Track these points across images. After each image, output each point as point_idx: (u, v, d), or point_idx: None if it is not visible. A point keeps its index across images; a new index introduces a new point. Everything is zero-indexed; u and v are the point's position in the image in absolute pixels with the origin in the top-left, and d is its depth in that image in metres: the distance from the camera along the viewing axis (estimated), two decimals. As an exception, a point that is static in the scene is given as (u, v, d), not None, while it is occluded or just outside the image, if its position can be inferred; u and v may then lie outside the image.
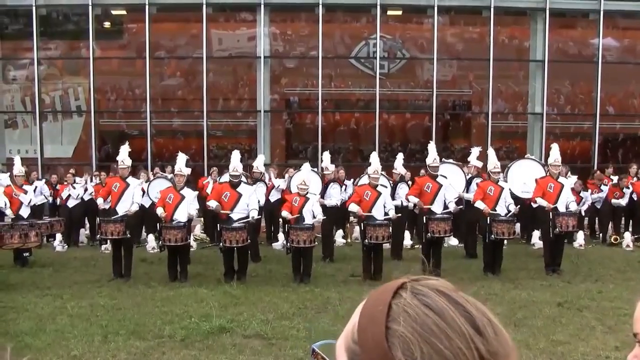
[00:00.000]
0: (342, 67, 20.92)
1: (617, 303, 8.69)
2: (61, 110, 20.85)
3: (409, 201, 11.83)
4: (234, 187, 10.76)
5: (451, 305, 0.83)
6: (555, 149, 11.26)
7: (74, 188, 14.80)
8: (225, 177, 12.32)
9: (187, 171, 11.21)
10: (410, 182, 13.10)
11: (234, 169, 10.89)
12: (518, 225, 13.62)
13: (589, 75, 20.58)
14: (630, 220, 15.23)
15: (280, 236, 13.89)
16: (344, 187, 13.95)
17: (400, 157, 14.05)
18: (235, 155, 11.12)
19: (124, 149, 11.10)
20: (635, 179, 14.94)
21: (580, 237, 14.14)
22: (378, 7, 19.87)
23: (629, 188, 14.76)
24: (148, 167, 18.13)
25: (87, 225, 15.44)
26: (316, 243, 10.83)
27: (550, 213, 10.76)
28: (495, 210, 10.97)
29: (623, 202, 14.76)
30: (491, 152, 12.04)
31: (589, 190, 15.22)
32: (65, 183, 15.03)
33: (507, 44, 21.10)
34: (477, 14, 20.98)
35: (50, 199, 15.11)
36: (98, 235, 11.49)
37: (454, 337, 0.80)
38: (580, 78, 21.24)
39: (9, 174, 13.25)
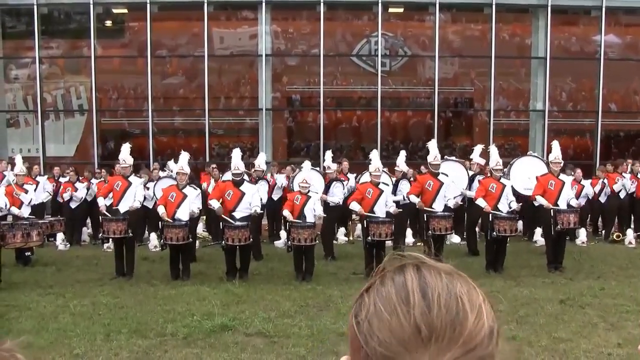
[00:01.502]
0: (344, 65, 20.90)
1: (619, 300, 8.68)
2: (63, 109, 20.85)
3: (409, 200, 11.82)
4: (237, 185, 10.77)
5: (415, 276, 0.89)
6: (555, 146, 11.24)
7: (76, 190, 14.77)
8: (228, 176, 12.32)
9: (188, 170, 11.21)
10: (412, 179, 13.12)
11: (236, 168, 10.89)
12: (520, 222, 13.62)
13: (591, 72, 20.54)
14: (632, 217, 15.22)
15: (283, 234, 13.89)
16: (346, 181, 13.95)
17: (403, 154, 14.05)
18: (236, 154, 11.11)
19: (126, 148, 11.10)
20: (629, 173, 15.05)
21: (582, 234, 14.13)
22: (379, 5, 19.84)
23: (627, 173, 14.87)
24: (150, 166, 18.14)
25: (90, 224, 15.43)
26: (317, 241, 10.84)
27: (552, 210, 10.74)
28: (498, 208, 10.96)
29: (625, 184, 14.78)
30: (493, 150, 12.01)
31: (589, 180, 15.23)
32: (68, 181, 14.99)
33: (509, 41, 21.06)
34: (478, 11, 20.94)
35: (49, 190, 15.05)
36: (100, 234, 11.50)
37: (395, 301, 0.87)
38: (582, 75, 21.20)
39: (13, 172, 13.25)
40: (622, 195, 14.92)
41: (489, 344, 0.86)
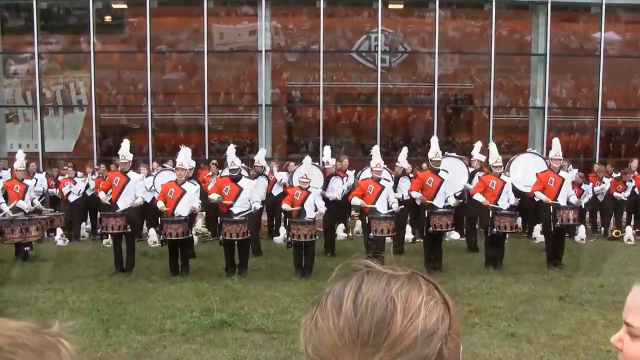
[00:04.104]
0: (344, 61, 20.89)
1: (618, 297, 8.66)
2: (62, 105, 20.83)
3: (410, 197, 11.80)
4: (235, 181, 10.77)
5: (355, 283, 0.91)
6: (556, 143, 11.23)
7: (75, 183, 14.77)
8: (226, 171, 12.32)
9: (192, 164, 11.17)
10: (411, 175, 13.10)
11: (232, 163, 10.90)
12: (520, 219, 13.62)
13: (591, 69, 20.53)
14: (632, 215, 15.21)
15: (282, 230, 13.87)
16: (345, 177, 13.92)
17: (404, 151, 14.03)
18: (231, 150, 11.17)
19: (125, 144, 11.10)
20: (636, 172, 14.92)
21: (581, 231, 14.11)
22: (379, 1, 19.82)
23: (631, 182, 14.74)
24: (149, 162, 18.13)
25: (89, 220, 15.42)
26: (317, 237, 10.81)
27: (551, 207, 10.74)
28: (497, 204, 10.95)
29: (625, 195, 14.73)
30: (492, 146, 11.99)
31: (590, 184, 15.20)
32: (66, 177, 14.99)
33: (509, 38, 21.05)
34: (478, 8, 20.92)
35: (52, 190, 15.05)
36: (99, 230, 11.47)
37: (329, 310, 0.90)
38: (582, 72, 21.19)
39: (9, 170, 13.22)
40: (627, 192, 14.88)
41: (424, 347, 0.84)
